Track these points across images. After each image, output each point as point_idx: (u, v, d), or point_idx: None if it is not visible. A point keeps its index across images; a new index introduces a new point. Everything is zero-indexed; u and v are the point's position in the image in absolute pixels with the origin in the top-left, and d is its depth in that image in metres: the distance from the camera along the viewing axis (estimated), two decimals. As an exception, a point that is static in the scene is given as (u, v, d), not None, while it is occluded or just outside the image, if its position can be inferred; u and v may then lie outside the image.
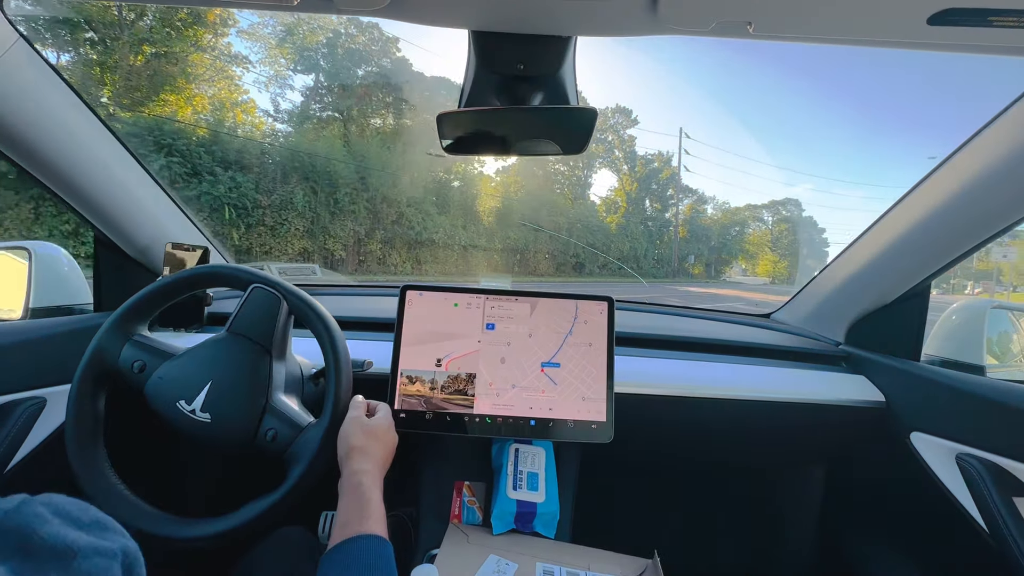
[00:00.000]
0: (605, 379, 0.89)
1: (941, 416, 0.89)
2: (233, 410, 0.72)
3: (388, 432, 0.74)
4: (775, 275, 45.26)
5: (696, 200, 33.77)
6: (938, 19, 0.51)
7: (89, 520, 0.33)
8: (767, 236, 47.74)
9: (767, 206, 49.85)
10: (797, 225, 51.08)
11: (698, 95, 54.56)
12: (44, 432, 0.87)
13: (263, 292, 0.77)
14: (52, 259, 1.04)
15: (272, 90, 14.13)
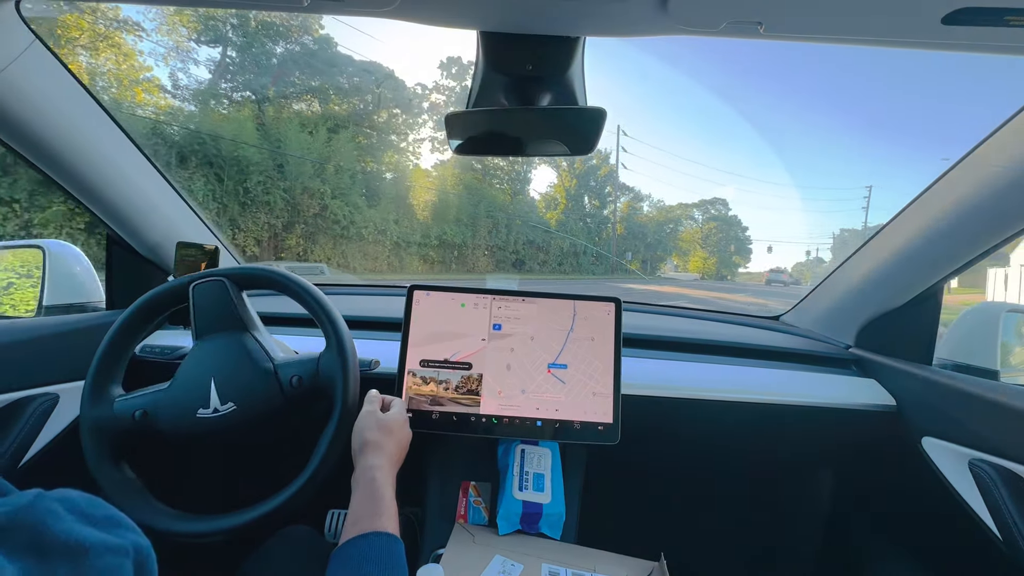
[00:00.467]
0: (612, 380, 0.88)
1: (954, 421, 0.88)
2: (250, 385, 0.73)
3: (403, 428, 0.74)
4: (705, 271, 45.11)
5: (633, 198, 34.00)
6: (953, 19, 0.50)
7: (102, 516, 0.33)
8: (698, 234, 48.27)
9: (698, 205, 50.33)
10: (724, 223, 51.01)
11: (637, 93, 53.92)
12: (57, 428, 0.88)
13: (202, 287, 0.77)
14: (66, 257, 1.05)
15: (172, 64, 12.19)
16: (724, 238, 50.80)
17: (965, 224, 0.85)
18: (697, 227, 48.73)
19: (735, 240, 54.35)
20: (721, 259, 49.39)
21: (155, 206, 1.04)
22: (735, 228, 52.92)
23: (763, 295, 16.58)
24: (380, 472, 0.63)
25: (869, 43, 0.59)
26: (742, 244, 57.47)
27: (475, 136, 0.77)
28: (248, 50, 13.52)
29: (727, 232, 51.76)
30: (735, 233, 53.36)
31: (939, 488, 0.89)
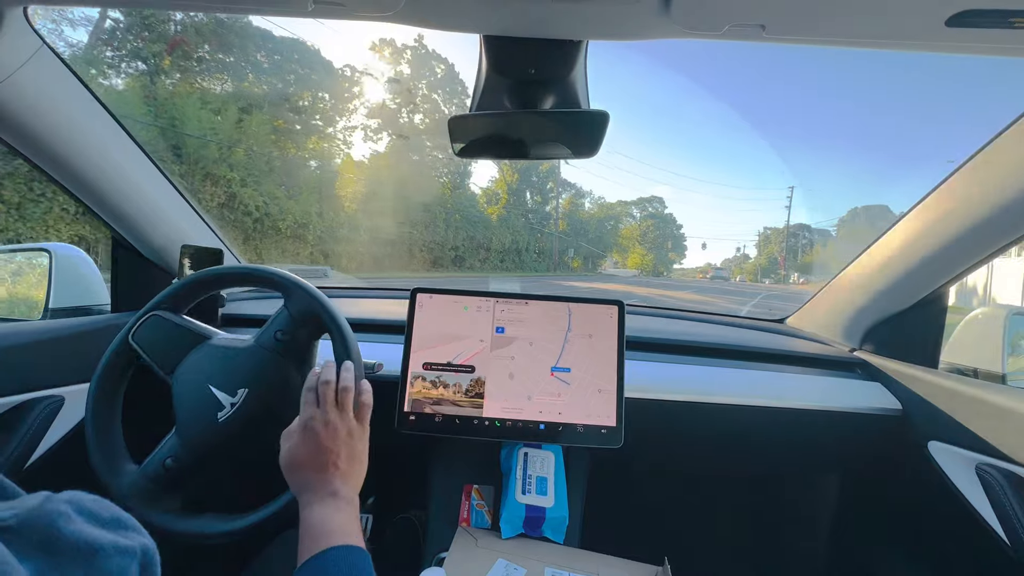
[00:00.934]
0: (615, 383, 0.88)
1: (960, 425, 0.87)
2: (244, 364, 0.74)
3: (304, 445, 0.62)
4: (643, 268, 46.08)
5: (575, 194, 34.09)
6: (957, 20, 0.50)
7: (109, 517, 0.33)
8: (636, 231, 49.74)
9: (636, 202, 52.00)
10: (661, 220, 52.12)
11: None
12: (62, 430, 0.88)
13: (140, 332, 0.76)
14: (71, 260, 1.06)
15: (39, 23, 10.19)
16: (661, 235, 51.82)
17: (971, 226, 0.84)
18: (636, 224, 49.87)
19: (672, 237, 54.06)
20: (658, 256, 50.77)
21: (160, 209, 1.05)
22: (671, 226, 53.89)
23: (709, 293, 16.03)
24: (304, 508, 0.58)
25: (873, 45, 0.58)
26: (678, 241, 56.57)
27: (478, 139, 0.78)
28: (135, 12, 10.98)
29: (664, 230, 52.45)
30: (671, 231, 54.22)
31: (946, 493, 0.88)
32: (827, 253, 52.82)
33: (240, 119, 11.64)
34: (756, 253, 76.37)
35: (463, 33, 0.64)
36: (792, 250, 61.21)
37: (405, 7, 0.55)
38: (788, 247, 61.47)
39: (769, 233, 75.09)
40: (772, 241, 72.59)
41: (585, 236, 32.18)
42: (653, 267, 47.40)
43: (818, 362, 1.13)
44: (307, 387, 0.66)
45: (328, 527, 0.54)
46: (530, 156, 0.80)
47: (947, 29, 0.51)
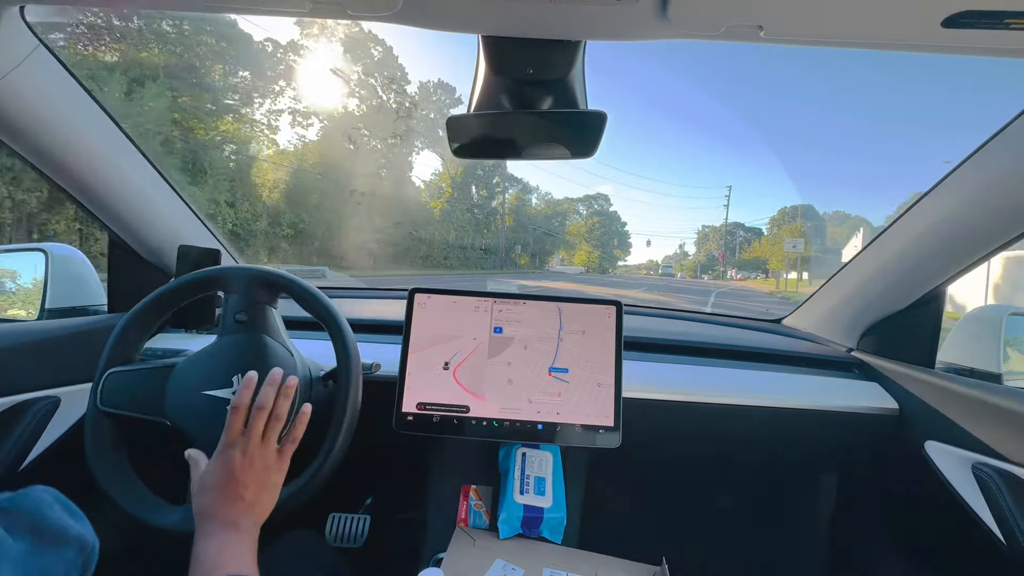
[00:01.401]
0: (613, 383, 0.88)
1: (957, 425, 0.87)
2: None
3: (219, 473, 0.61)
4: (589, 265, 46.69)
5: (522, 189, 33.40)
6: (953, 21, 0.50)
7: (75, 511, 0.36)
8: (583, 228, 50.48)
9: (582, 200, 52.62)
10: (607, 218, 52.61)
11: None
12: (58, 431, 0.88)
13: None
14: (68, 261, 1.06)
15: None
16: (607, 233, 52.59)
17: (967, 227, 0.84)
18: (582, 221, 50.60)
19: (617, 234, 54.90)
20: (604, 253, 51.63)
21: (157, 209, 1.05)
22: (616, 223, 54.88)
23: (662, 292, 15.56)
24: (199, 539, 0.56)
25: (869, 46, 0.59)
26: (623, 238, 57.67)
27: (476, 139, 0.78)
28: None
29: (609, 227, 53.34)
30: (616, 228, 55.13)
31: (942, 492, 0.88)
32: (762, 249, 54.61)
33: (130, 91, 10.05)
34: (695, 250, 78.96)
35: (462, 33, 0.64)
36: (730, 247, 63.43)
37: (403, 8, 0.55)
38: (722, 245, 63.54)
39: (707, 231, 77.85)
40: (710, 239, 75.10)
41: (532, 233, 31.55)
42: (599, 264, 47.89)
43: (815, 362, 1.14)
44: (235, 404, 0.64)
45: (222, 556, 0.53)
46: (528, 156, 0.80)
47: (942, 30, 0.51)
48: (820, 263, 28.89)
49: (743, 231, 67.41)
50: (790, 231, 41.13)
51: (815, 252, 38.44)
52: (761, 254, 56.71)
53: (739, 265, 58.49)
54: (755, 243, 62.05)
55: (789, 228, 42.39)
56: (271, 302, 0.82)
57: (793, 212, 59.27)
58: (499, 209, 27.65)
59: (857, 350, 1.15)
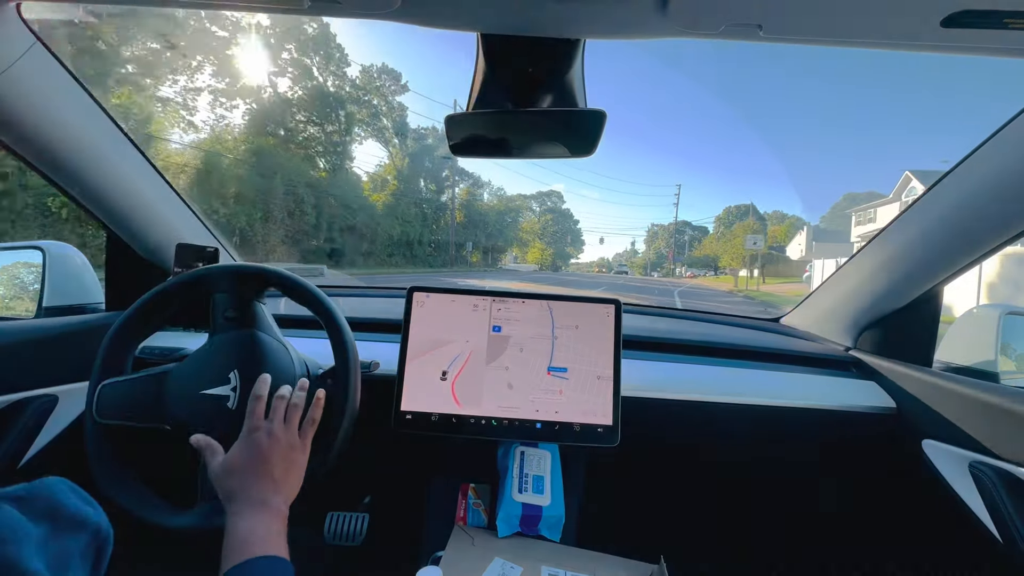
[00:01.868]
0: (612, 382, 0.88)
1: (954, 424, 0.88)
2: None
3: (245, 456, 0.63)
4: (542, 262, 46.63)
5: (473, 184, 31.84)
6: (952, 21, 0.50)
7: (90, 499, 0.38)
8: (536, 225, 50.26)
9: (535, 196, 52.62)
10: (560, 215, 52.44)
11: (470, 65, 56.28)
12: (56, 429, 0.88)
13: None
14: (65, 259, 1.05)
15: None
16: (560, 230, 52.71)
17: (965, 227, 0.85)
18: (535, 218, 50.56)
19: (570, 232, 55.11)
20: (557, 250, 51.77)
21: (155, 208, 1.04)
22: (569, 221, 55.20)
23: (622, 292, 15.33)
24: (231, 517, 0.57)
25: (869, 45, 0.59)
26: (576, 236, 58.04)
27: (474, 138, 0.77)
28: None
29: (562, 224, 53.55)
30: (569, 225, 55.48)
31: (940, 490, 0.89)
32: (711, 247, 55.11)
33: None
34: (645, 248, 79.86)
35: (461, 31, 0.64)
36: (679, 245, 64.35)
37: (402, 5, 0.55)
38: (671, 242, 64.17)
39: (656, 229, 78.97)
40: (659, 237, 75.99)
41: (484, 229, 30.11)
42: (552, 262, 47.74)
43: (813, 361, 1.14)
44: (255, 394, 0.66)
45: (254, 536, 0.54)
46: (527, 155, 0.80)
47: (942, 30, 0.51)
48: (770, 261, 28.00)
49: (690, 229, 68.53)
50: (743, 228, 40.50)
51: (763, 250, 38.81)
52: (711, 252, 56.94)
53: (689, 263, 59.07)
54: (704, 241, 62.67)
55: (742, 226, 41.69)
56: (258, 297, 0.82)
57: (738, 211, 60.01)
58: (449, 204, 26.28)
59: (855, 349, 1.15)
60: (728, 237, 43.88)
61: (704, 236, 65.10)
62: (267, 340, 0.79)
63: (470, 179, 31.21)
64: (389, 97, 25.48)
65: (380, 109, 24.88)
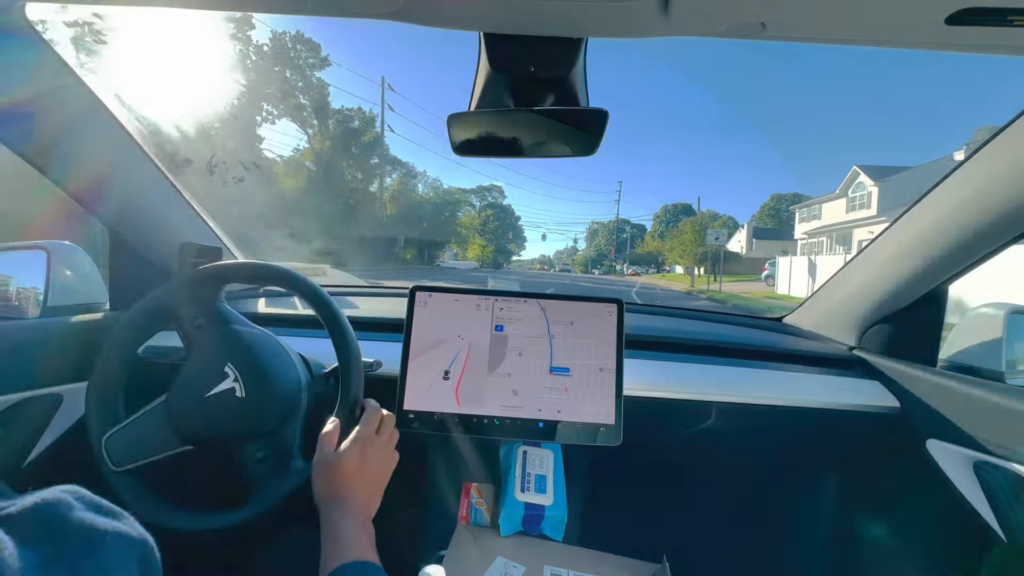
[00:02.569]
0: (614, 382, 0.88)
1: (958, 423, 0.87)
2: (269, 398, 0.77)
3: (357, 459, 0.68)
4: (483, 259, 45.17)
5: (406, 174, 28.69)
6: (956, 19, 0.50)
7: (109, 508, 0.33)
8: (476, 220, 48.27)
9: (475, 191, 50.61)
10: (501, 211, 50.67)
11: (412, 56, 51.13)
12: (60, 428, 0.88)
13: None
14: (69, 258, 1.05)
15: None
16: (501, 226, 50.83)
17: (969, 225, 0.84)
18: (475, 214, 48.79)
19: (511, 228, 53.18)
20: (498, 247, 50.13)
21: (159, 208, 1.05)
22: (510, 216, 53.43)
23: None
24: (336, 512, 0.62)
25: (872, 43, 0.58)
26: (518, 232, 56.22)
27: (477, 138, 0.77)
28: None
29: (503, 220, 51.72)
30: (511, 221, 53.58)
31: (944, 490, 0.88)
32: (652, 244, 54.98)
33: None
34: (585, 246, 79.95)
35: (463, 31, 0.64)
36: (619, 243, 64.35)
37: (404, 5, 0.55)
38: (613, 240, 63.94)
39: (597, 226, 78.87)
40: (599, 234, 75.85)
41: (418, 224, 27.24)
42: (494, 259, 46.57)
43: (817, 360, 1.14)
44: (372, 406, 0.75)
45: (359, 539, 0.59)
46: (529, 154, 0.80)
47: (946, 28, 0.51)
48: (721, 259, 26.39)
49: (629, 227, 68.88)
50: (692, 225, 38.15)
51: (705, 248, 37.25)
52: (653, 249, 56.23)
53: (632, 260, 58.85)
54: (645, 238, 62.65)
55: (690, 222, 39.46)
56: (216, 297, 0.83)
57: (675, 209, 60.27)
58: (378, 195, 23.23)
59: (858, 348, 1.15)
60: (675, 234, 42.07)
61: (643, 234, 65.73)
62: (248, 331, 0.81)
63: (403, 168, 27.79)
64: (307, 71, 21.66)
65: (296, 84, 21.38)
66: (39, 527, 0.28)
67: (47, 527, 0.29)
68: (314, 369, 0.87)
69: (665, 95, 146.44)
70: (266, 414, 0.75)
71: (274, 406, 0.76)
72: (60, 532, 0.29)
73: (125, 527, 0.32)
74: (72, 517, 0.30)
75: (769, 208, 50.08)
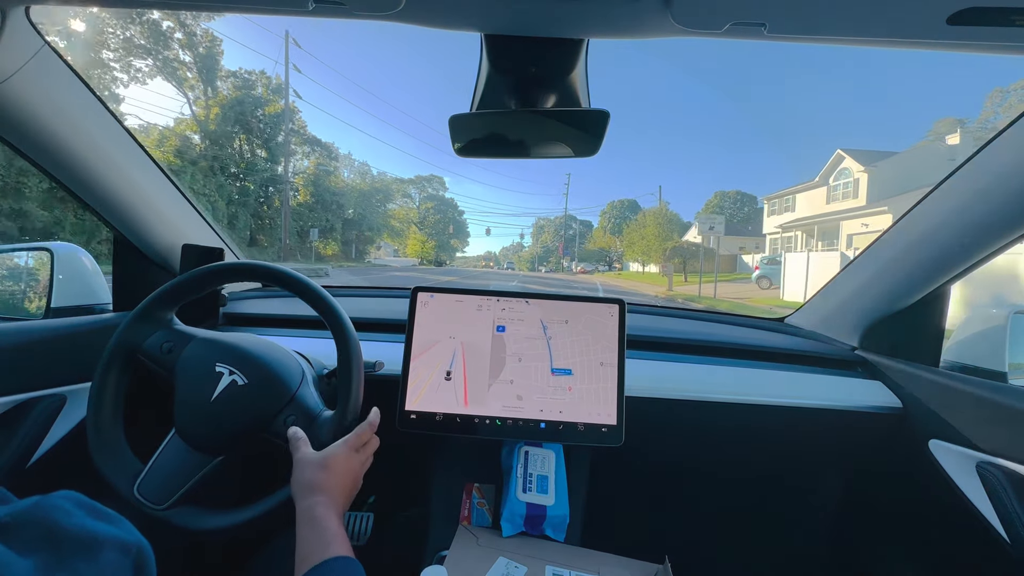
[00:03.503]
0: (616, 382, 0.88)
1: (961, 423, 0.87)
2: (271, 375, 0.77)
3: (345, 462, 0.70)
4: (423, 255, 42.51)
5: (325, 155, 23.20)
6: (958, 18, 0.50)
7: (106, 513, 0.33)
8: (414, 214, 45.06)
9: (414, 182, 46.79)
10: (441, 203, 47.82)
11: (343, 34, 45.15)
12: (64, 429, 0.89)
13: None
14: (73, 260, 1.06)
15: None
16: (443, 219, 47.89)
17: (971, 225, 0.84)
18: (414, 207, 45.58)
19: (454, 222, 49.94)
20: (440, 242, 46.79)
21: (162, 209, 1.05)
22: (452, 210, 50.29)
23: None
24: (321, 507, 0.62)
25: (874, 44, 0.58)
26: (460, 227, 52.78)
27: (478, 138, 0.78)
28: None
29: (445, 213, 48.78)
30: (453, 215, 50.46)
31: (946, 491, 0.88)
32: (603, 240, 51.47)
33: None
34: (532, 242, 75.58)
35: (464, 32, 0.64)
36: (568, 239, 60.29)
37: (406, 7, 0.55)
38: (561, 235, 60.33)
39: (543, 223, 74.68)
40: (546, 230, 72.05)
41: (340, 213, 22.77)
42: (435, 255, 43.77)
43: (819, 360, 1.13)
44: (371, 421, 0.75)
45: (341, 533, 0.60)
46: (531, 155, 0.80)
47: (948, 27, 0.51)
48: (692, 256, 23.63)
49: (576, 223, 65.11)
50: (655, 217, 34.06)
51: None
52: (605, 244, 52.67)
53: (582, 257, 54.25)
54: (594, 233, 58.61)
55: (652, 213, 35.53)
56: (172, 319, 0.83)
57: (621, 205, 56.52)
58: (286, 177, 18.94)
59: (861, 349, 1.15)
60: (634, 227, 37.69)
61: (590, 230, 62.11)
62: (217, 332, 0.82)
63: (321, 148, 22.23)
64: (188, 19, 16.88)
65: (171, 36, 17.00)
66: (36, 534, 0.28)
67: (43, 534, 0.29)
68: (315, 368, 0.87)
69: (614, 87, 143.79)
70: (276, 384, 0.77)
71: (280, 375, 0.78)
72: (56, 538, 0.29)
73: (122, 533, 0.32)
74: (69, 523, 0.30)
75: (714, 205, 46.50)
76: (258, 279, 0.83)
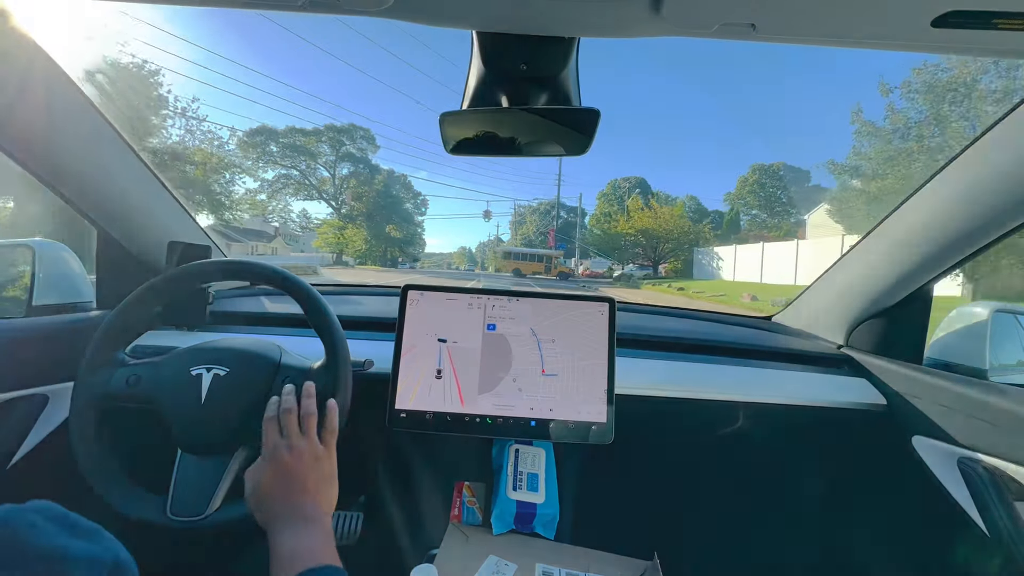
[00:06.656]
0: (605, 380, 0.89)
1: (943, 420, 0.89)
2: (248, 354, 0.78)
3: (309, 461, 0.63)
4: (338, 248, 34.58)
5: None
6: (942, 21, 0.50)
7: (84, 527, 0.32)
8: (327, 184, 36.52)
9: (323, 133, 37.44)
10: (372, 172, 39.05)
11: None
12: (46, 429, 0.87)
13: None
14: (55, 257, 1.04)
15: None
16: (382, 199, 38.88)
17: (955, 224, 0.86)
18: (327, 174, 37.71)
19: (395, 207, 40.66)
20: (376, 233, 38.63)
21: (147, 206, 1.03)
22: (396, 185, 41.85)
23: None
24: (308, 506, 0.59)
25: (860, 45, 0.59)
26: (407, 216, 42.78)
27: (469, 136, 0.77)
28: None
29: (386, 191, 39.89)
30: (396, 193, 41.50)
31: (929, 486, 0.90)
32: (625, 226, 32.72)
33: None
34: (510, 235, 61.84)
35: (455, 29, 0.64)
36: (563, 226, 47.84)
37: (397, 2, 0.55)
38: (552, 223, 47.56)
39: (524, 211, 60.81)
40: (527, 221, 58.86)
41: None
42: (384, 250, 35.67)
43: (805, 358, 1.15)
44: (267, 417, 0.66)
45: (299, 549, 0.53)
46: (522, 153, 0.80)
47: (932, 30, 0.52)
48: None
49: (564, 212, 52.81)
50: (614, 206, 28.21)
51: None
52: (625, 229, 32.50)
53: (583, 251, 39.07)
54: (591, 221, 42.27)
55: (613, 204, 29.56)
56: (131, 341, 0.83)
57: (627, 184, 43.01)
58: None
59: (846, 347, 1.16)
60: (654, 215, 30.04)
61: (581, 218, 44.24)
62: (178, 345, 0.82)
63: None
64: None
65: None
66: (1, 553, 0.27)
67: (10, 553, 0.27)
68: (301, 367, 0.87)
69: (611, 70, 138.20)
70: (257, 359, 0.77)
71: (257, 351, 0.78)
72: (24, 557, 0.28)
73: (95, 549, 0.31)
74: (37, 542, 0.29)
75: (752, 182, 37.62)
76: (254, 280, 0.83)
